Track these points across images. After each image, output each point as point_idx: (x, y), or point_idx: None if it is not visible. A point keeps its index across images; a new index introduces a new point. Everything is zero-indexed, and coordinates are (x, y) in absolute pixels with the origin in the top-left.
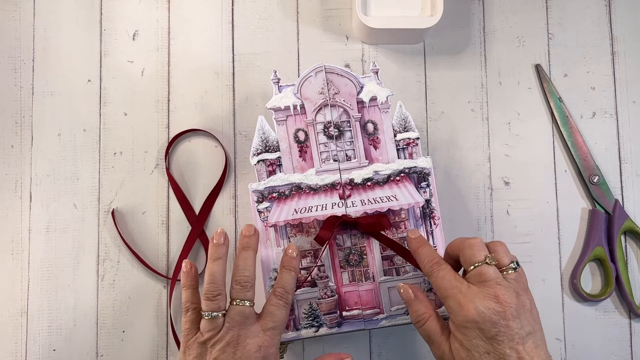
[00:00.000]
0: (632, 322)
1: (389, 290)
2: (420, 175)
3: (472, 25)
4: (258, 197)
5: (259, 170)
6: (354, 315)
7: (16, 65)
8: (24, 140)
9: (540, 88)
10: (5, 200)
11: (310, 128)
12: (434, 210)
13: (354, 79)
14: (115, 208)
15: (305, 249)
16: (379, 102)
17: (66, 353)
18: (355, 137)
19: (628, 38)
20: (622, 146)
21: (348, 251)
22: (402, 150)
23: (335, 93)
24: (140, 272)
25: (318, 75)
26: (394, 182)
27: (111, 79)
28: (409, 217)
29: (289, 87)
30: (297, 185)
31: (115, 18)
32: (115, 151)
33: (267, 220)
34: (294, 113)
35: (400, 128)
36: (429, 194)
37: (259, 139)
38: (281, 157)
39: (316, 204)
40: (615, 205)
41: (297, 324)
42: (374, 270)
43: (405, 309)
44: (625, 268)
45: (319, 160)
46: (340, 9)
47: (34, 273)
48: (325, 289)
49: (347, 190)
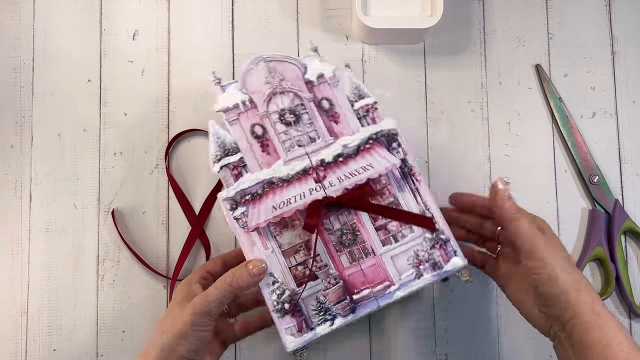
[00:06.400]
0: (632, 322)
1: (393, 260)
2: (389, 137)
3: (472, 25)
4: (231, 205)
5: (224, 177)
6: (365, 296)
7: (16, 65)
8: (24, 140)
9: (540, 88)
10: (5, 200)
11: (266, 120)
12: (412, 168)
13: (296, 61)
14: (115, 208)
15: (296, 243)
16: (327, 78)
17: (66, 353)
18: (313, 118)
19: (628, 38)
20: (622, 146)
21: (340, 233)
22: (364, 118)
23: (281, 80)
24: (140, 272)
25: (259, 66)
26: (365, 151)
27: (111, 79)
28: (390, 182)
29: (232, 85)
30: (269, 181)
31: (115, 18)
32: (115, 151)
33: (247, 225)
34: (245, 109)
35: (355, 97)
36: (402, 153)
37: (214, 144)
38: (244, 157)
39: (293, 195)
40: (616, 205)
41: (309, 323)
42: (371, 244)
43: (416, 274)
44: (625, 268)
45: (284, 150)
46: (340, 9)
47: (34, 273)
48: (328, 278)
49: (320, 172)
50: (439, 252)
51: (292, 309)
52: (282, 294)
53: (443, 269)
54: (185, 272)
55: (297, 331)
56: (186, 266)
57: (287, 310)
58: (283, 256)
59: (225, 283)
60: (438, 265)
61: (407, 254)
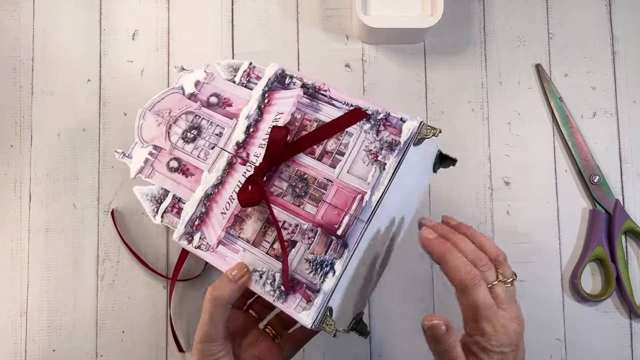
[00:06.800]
0: (633, 322)
1: (351, 173)
2: (279, 79)
3: (472, 25)
4: (187, 238)
5: (169, 222)
6: (347, 223)
7: (16, 65)
8: (24, 140)
9: (540, 88)
10: (4, 200)
11: (175, 151)
12: (315, 84)
13: (172, 90)
14: (115, 208)
15: (259, 227)
16: (204, 79)
17: (66, 353)
18: (210, 117)
19: (628, 38)
20: (623, 146)
21: (291, 188)
22: (249, 83)
23: (169, 112)
24: (139, 273)
25: (147, 116)
26: (268, 106)
27: (111, 79)
28: (304, 112)
29: (135, 148)
30: (205, 195)
31: (115, 18)
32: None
33: (211, 245)
34: (154, 157)
35: (233, 74)
36: (299, 80)
37: (147, 203)
38: (174, 194)
39: (232, 190)
40: (616, 205)
41: (313, 287)
42: (324, 175)
43: (379, 167)
44: (625, 268)
45: (202, 162)
46: (340, 8)
47: (33, 273)
48: (306, 234)
49: (242, 154)
50: (387, 131)
51: (291, 287)
52: (273, 280)
53: (401, 143)
54: (185, 273)
55: (307, 302)
56: (186, 266)
57: (287, 291)
58: (255, 247)
59: (210, 301)
60: (394, 142)
61: (360, 157)
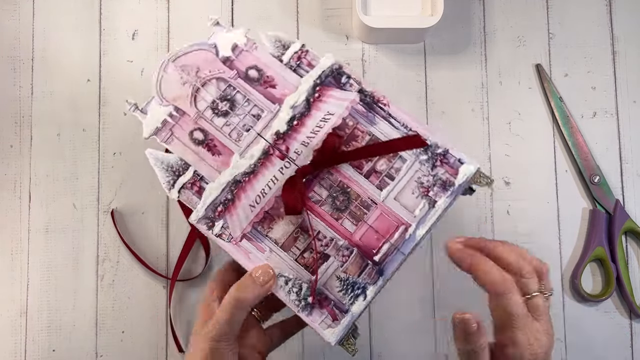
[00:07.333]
0: (633, 322)
1: (398, 200)
2: (335, 74)
3: (472, 25)
4: (207, 224)
5: (187, 199)
6: (386, 251)
7: (16, 65)
8: (24, 140)
9: (540, 88)
10: (4, 200)
11: (201, 121)
12: (374, 94)
13: (202, 45)
14: (115, 208)
15: (291, 231)
16: (243, 46)
17: (66, 353)
18: (247, 94)
19: (629, 38)
20: (623, 146)
21: (331, 199)
22: (299, 67)
23: (197, 72)
24: (139, 273)
25: (169, 69)
26: (317, 101)
27: (111, 79)
28: (357, 120)
29: (151, 103)
30: (233, 182)
31: (114, 18)
32: (115, 151)
33: (233, 237)
34: (175, 121)
35: (280, 50)
36: (356, 84)
37: (161, 171)
38: (196, 169)
39: (265, 183)
40: (616, 206)
41: (341, 306)
42: (368, 195)
43: (429, 203)
44: (625, 268)
45: (234, 142)
46: (340, 8)
47: (33, 273)
48: (340, 251)
49: (281, 146)
50: (442, 168)
51: (318, 301)
52: (300, 290)
53: (455, 185)
54: (184, 273)
55: (333, 320)
56: (186, 266)
57: (313, 304)
58: (284, 251)
59: (232, 301)
60: (448, 182)
61: (410, 186)
